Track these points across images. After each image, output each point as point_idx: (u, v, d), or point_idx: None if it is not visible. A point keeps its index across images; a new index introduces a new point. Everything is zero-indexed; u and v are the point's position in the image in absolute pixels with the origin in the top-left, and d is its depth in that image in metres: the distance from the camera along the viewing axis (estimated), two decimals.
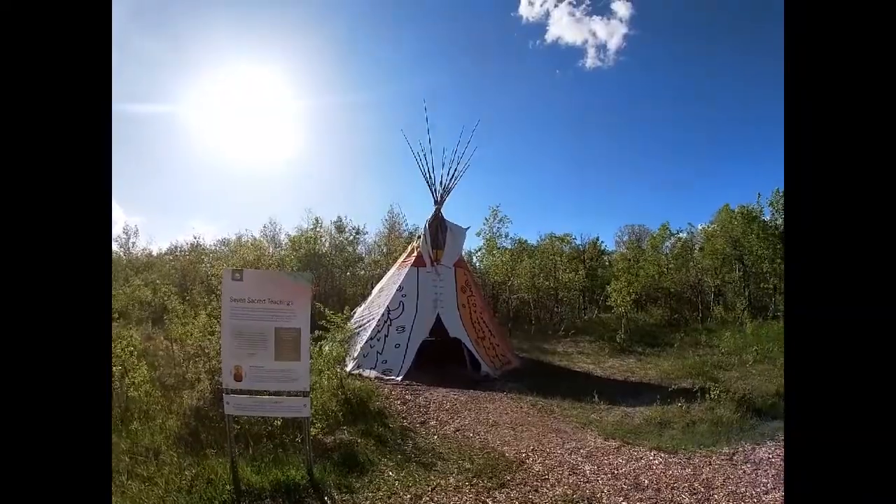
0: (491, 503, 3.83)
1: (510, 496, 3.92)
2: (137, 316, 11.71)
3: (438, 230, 9.85)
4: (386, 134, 56.66)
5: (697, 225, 21.33)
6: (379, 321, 9.27)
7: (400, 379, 8.14)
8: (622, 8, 51.18)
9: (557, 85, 55.01)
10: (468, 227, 10.79)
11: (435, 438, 5.38)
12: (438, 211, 10.11)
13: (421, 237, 10.22)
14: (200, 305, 5.92)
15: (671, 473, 4.34)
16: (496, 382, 8.36)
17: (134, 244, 22.54)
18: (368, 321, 9.50)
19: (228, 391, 3.91)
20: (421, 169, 10.15)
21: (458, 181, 10.29)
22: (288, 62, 50.01)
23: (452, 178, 10.22)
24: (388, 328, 9.12)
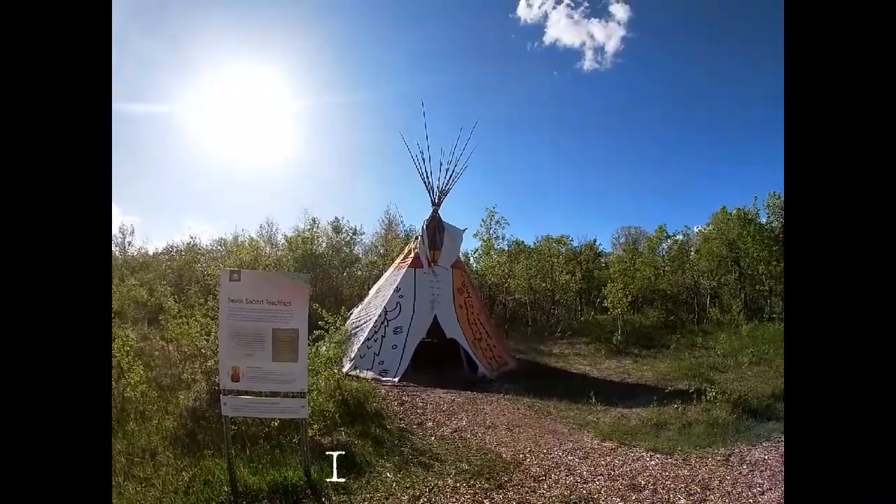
0: None
1: (508, 497, 3.92)
2: (133, 316, 11.65)
3: (436, 231, 9.85)
4: (384, 134, 56.67)
5: (693, 227, 21.48)
6: (376, 322, 9.26)
7: (397, 380, 8.14)
8: (620, 10, 51.40)
9: (555, 87, 55.23)
10: (465, 228, 10.83)
11: (432, 439, 5.38)
12: (436, 212, 10.11)
13: (418, 238, 10.21)
14: (196, 306, 5.88)
15: (668, 474, 4.35)
16: (493, 384, 8.36)
17: (130, 244, 22.47)
18: (365, 322, 9.49)
19: (226, 392, 3.89)
20: (419, 170, 10.15)
21: (455, 182, 10.31)
22: (287, 62, 50.04)
23: (450, 179, 10.24)
24: (384, 329, 9.11)
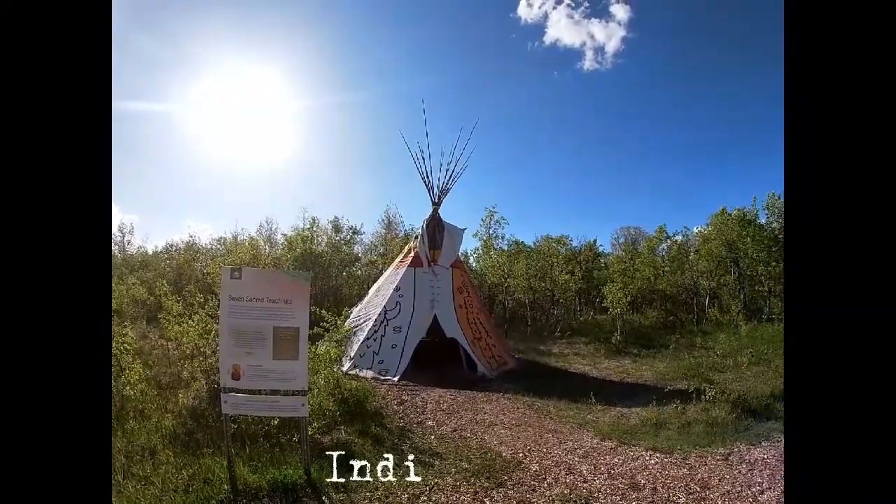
0: (489, 503, 3.83)
1: (508, 496, 3.93)
2: (132, 314, 11.64)
3: (436, 231, 9.85)
4: (384, 134, 56.70)
5: (693, 228, 21.48)
6: (375, 321, 9.26)
7: (396, 379, 8.13)
8: (620, 11, 51.46)
9: (555, 86, 55.22)
10: (465, 227, 10.82)
11: (432, 438, 5.38)
12: (436, 211, 10.11)
13: (418, 237, 10.21)
14: (196, 305, 5.88)
15: (667, 473, 4.36)
16: (493, 383, 8.36)
17: (129, 242, 22.44)
18: (365, 321, 9.49)
19: (226, 390, 3.89)
20: (419, 169, 10.15)
21: (455, 182, 10.31)
22: (287, 62, 50.02)
23: (450, 178, 10.23)
24: (384, 328, 9.11)
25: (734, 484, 4.11)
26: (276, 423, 4.79)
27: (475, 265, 19.09)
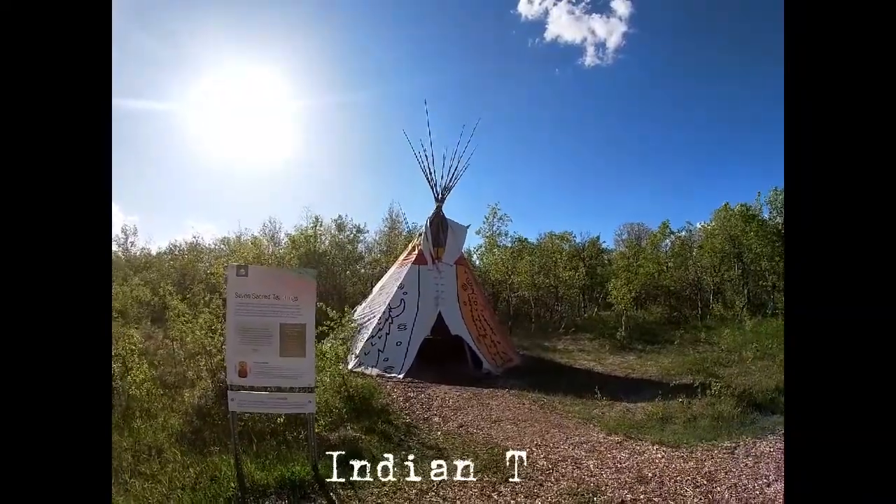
0: (497, 497, 3.84)
1: (515, 490, 3.93)
2: (136, 315, 11.70)
3: (440, 228, 9.87)
4: (384, 134, 56.65)
5: (696, 223, 21.42)
6: (380, 319, 9.27)
7: (402, 376, 8.15)
8: (621, 6, 51.25)
9: (556, 83, 55.08)
10: (469, 225, 10.84)
11: (439, 434, 5.39)
12: (439, 209, 10.12)
13: (422, 235, 10.22)
14: (201, 304, 5.90)
15: (674, 467, 4.36)
16: (498, 380, 8.38)
17: (132, 244, 22.49)
18: (370, 319, 9.50)
19: (233, 388, 3.90)
20: (422, 167, 10.17)
21: (458, 180, 10.33)
22: (287, 62, 50.01)
23: (453, 176, 10.26)
24: (389, 326, 9.13)
25: (740, 477, 4.11)
26: (282, 420, 4.81)
27: (479, 262, 19.09)
